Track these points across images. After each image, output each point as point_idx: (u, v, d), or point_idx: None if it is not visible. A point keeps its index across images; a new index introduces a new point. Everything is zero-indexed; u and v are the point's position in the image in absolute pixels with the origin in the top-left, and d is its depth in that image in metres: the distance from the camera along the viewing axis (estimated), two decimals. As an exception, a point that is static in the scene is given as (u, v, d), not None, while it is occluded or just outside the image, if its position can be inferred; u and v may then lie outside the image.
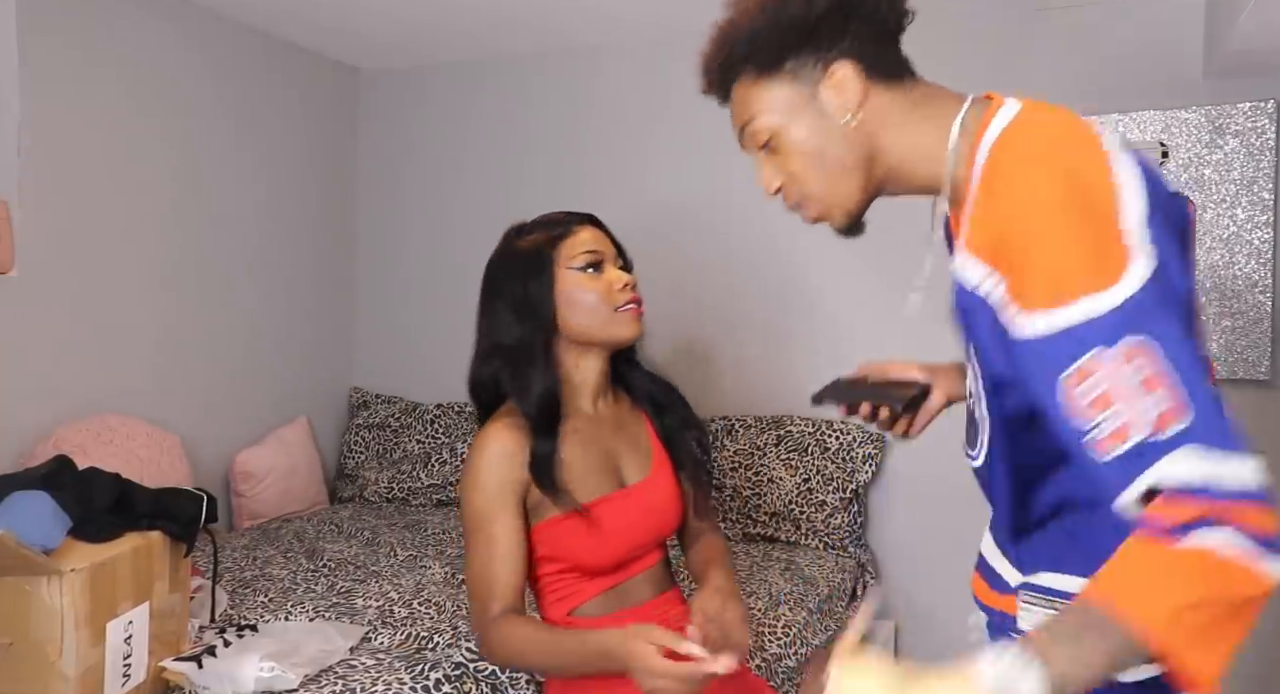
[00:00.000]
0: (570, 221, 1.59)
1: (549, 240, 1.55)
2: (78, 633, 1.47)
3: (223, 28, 3.04)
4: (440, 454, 3.31)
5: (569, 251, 1.53)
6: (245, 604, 2.15)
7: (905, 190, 1.11)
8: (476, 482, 1.46)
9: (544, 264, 1.52)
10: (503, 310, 1.55)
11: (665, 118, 3.25)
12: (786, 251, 3.07)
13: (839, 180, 1.08)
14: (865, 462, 2.91)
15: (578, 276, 1.51)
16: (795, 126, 1.06)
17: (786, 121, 1.07)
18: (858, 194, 1.09)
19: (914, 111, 1.06)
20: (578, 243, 1.54)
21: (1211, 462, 0.82)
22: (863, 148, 1.06)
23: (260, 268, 3.23)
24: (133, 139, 2.76)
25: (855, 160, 1.07)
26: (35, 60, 2.46)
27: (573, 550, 1.48)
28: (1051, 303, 0.88)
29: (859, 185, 1.08)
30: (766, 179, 1.12)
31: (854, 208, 1.11)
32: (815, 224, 1.14)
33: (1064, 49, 2.76)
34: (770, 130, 1.08)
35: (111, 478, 1.70)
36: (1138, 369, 0.84)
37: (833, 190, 1.08)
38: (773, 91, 1.07)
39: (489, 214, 3.50)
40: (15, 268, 2.42)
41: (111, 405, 2.67)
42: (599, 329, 1.52)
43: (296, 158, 3.38)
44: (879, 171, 1.08)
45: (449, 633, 1.97)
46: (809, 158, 1.07)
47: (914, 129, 1.05)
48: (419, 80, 3.58)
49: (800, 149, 1.07)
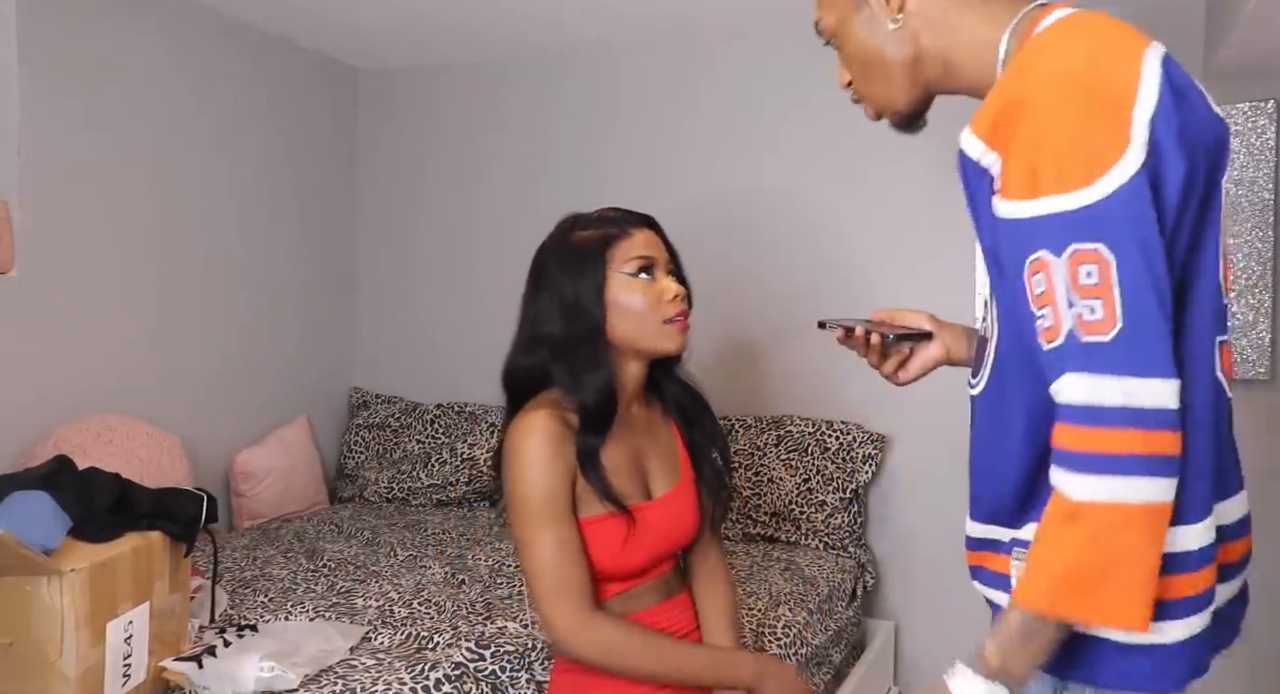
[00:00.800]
0: (627, 222, 1.53)
1: (604, 239, 1.49)
2: (78, 633, 1.47)
3: (223, 27, 3.04)
4: (440, 454, 3.31)
5: (623, 254, 1.48)
6: (245, 604, 2.15)
7: (955, 90, 1.15)
8: (536, 476, 1.40)
9: (596, 264, 1.47)
10: (551, 303, 1.51)
11: (667, 118, 3.25)
12: (784, 253, 3.07)
13: (889, 79, 1.14)
14: (865, 462, 2.91)
15: (629, 282, 1.47)
16: (851, 27, 1.14)
17: (844, 22, 1.15)
18: (904, 94, 1.16)
19: (966, 14, 1.09)
20: (632, 246, 1.49)
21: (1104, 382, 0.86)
22: (910, 49, 1.12)
23: (260, 268, 3.23)
24: (132, 139, 2.76)
25: (903, 61, 1.12)
26: (35, 60, 2.46)
27: (595, 553, 1.44)
28: (1025, 193, 0.91)
29: (906, 85, 1.14)
30: (839, 74, 1.21)
31: (903, 106, 1.17)
32: (876, 120, 1.22)
33: (1064, 49, 2.76)
34: (830, 30, 1.17)
35: (111, 478, 1.70)
36: (1086, 274, 0.88)
37: (884, 89, 1.16)
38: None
39: (489, 214, 3.51)
40: (15, 268, 2.42)
41: (111, 405, 2.67)
42: (643, 338, 1.49)
43: (296, 157, 3.38)
44: (927, 72, 1.13)
45: (449, 633, 1.97)
46: (862, 57, 1.15)
47: (965, 32, 1.09)
48: (419, 80, 3.58)
49: (854, 48, 1.16)
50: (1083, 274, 0.87)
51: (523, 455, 1.41)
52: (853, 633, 2.77)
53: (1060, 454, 0.90)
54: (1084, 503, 0.87)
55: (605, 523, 1.44)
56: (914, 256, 2.98)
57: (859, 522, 2.93)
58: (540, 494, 1.40)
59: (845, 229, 3.05)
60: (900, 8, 1.10)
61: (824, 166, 3.07)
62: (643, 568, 1.50)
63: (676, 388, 1.63)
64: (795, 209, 3.08)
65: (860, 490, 2.92)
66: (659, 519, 1.50)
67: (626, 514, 1.43)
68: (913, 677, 3.01)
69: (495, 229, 3.49)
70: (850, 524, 2.89)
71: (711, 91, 3.19)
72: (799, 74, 3.08)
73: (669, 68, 3.25)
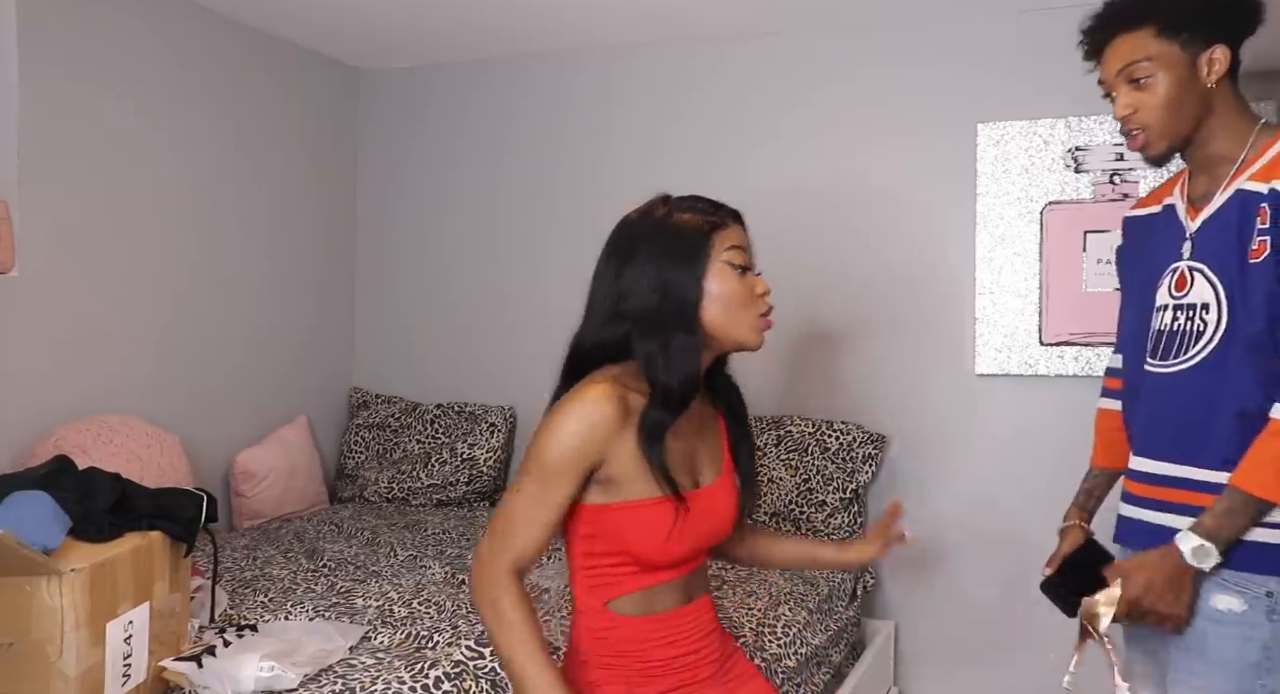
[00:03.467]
0: (724, 213, 1.50)
1: (709, 226, 1.45)
2: (78, 633, 1.47)
3: (223, 28, 3.04)
4: (440, 454, 3.31)
5: (723, 244, 1.45)
6: (245, 604, 2.15)
7: (1196, 151, 1.55)
8: (563, 436, 1.37)
9: (700, 250, 1.43)
10: (643, 281, 1.44)
11: (669, 118, 3.25)
12: (787, 252, 3.07)
13: (1176, 123, 1.52)
14: (865, 462, 2.91)
15: (729, 273, 1.44)
16: (1168, 76, 1.50)
17: (1167, 72, 1.50)
18: (1178, 136, 1.53)
19: (1238, 103, 1.55)
20: (731, 236, 1.46)
21: None
22: (1202, 108, 1.52)
23: (260, 268, 3.23)
24: (132, 139, 2.76)
25: (1192, 113, 1.52)
26: (35, 60, 2.46)
27: (636, 539, 1.41)
28: None
29: (1185, 132, 1.53)
30: (1122, 104, 1.54)
31: (1172, 143, 1.54)
32: (1136, 149, 1.56)
33: (1065, 48, 2.75)
34: (1149, 71, 1.50)
35: (111, 478, 1.70)
36: None
37: (1167, 128, 1.52)
38: (1165, 48, 1.49)
39: (488, 214, 3.51)
40: (15, 268, 2.42)
41: (111, 405, 2.67)
42: (734, 330, 1.44)
43: (296, 158, 3.38)
44: (1199, 129, 1.53)
45: (449, 632, 1.97)
46: (1165, 100, 1.50)
47: (1234, 113, 1.54)
48: (419, 80, 3.58)
49: (1163, 92, 1.50)
50: None
51: (564, 414, 1.38)
52: (853, 633, 2.77)
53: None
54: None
55: (652, 508, 1.40)
56: (917, 255, 2.99)
57: (859, 522, 2.93)
58: (556, 452, 1.37)
59: (848, 228, 3.05)
60: (1216, 81, 1.51)
61: (828, 166, 3.07)
62: (684, 558, 1.46)
63: (725, 381, 1.60)
64: (798, 208, 3.08)
65: (860, 490, 2.92)
66: (702, 509, 1.47)
67: (678, 500, 1.40)
68: (913, 677, 3.01)
69: (495, 228, 3.49)
70: (850, 524, 2.89)
71: (720, 91, 3.19)
72: (811, 73, 3.09)
73: (674, 67, 3.25)
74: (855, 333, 3.04)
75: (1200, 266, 1.51)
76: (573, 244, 3.40)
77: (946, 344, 2.98)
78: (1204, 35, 1.49)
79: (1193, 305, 1.51)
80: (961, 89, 2.94)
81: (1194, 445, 1.50)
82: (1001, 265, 2.92)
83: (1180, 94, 1.49)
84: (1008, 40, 2.86)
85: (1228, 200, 1.49)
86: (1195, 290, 1.51)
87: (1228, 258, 1.47)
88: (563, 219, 3.38)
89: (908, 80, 2.98)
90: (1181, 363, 1.51)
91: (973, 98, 2.92)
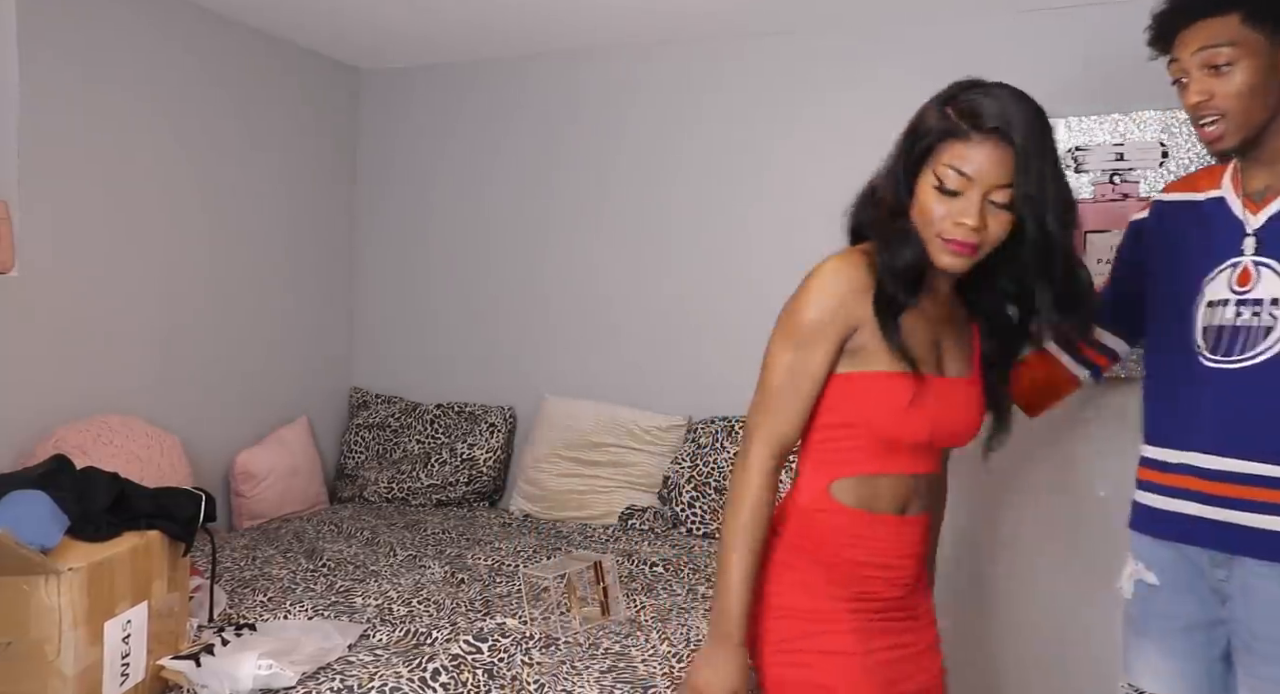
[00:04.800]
0: (981, 125, 1.35)
1: (942, 133, 1.38)
2: (76, 632, 1.47)
3: (223, 27, 3.04)
4: (440, 454, 3.31)
5: (947, 159, 1.37)
6: (244, 604, 2.15)
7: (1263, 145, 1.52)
8: (816, 299, 1.41)
9: (923, 152, 1.40)
10: (893, 163, 1.46)
11: (674, 118, 3.25)
12: (791, 252, 3.07)
13: (1254, 112, 1.48)
14: (865, 461, 2.91)
15: (930, 187, 1.39)
16: (1250, 64, 1.46)
17: (1251, 58, 1.46)
18: (1254, 127, 1.49)
19: None
20: (960, 153, 1.35)
21: None
22: (1277, 100, 1.48)
23: (260, 268, 3.23)
24: (132, 139, 2.76)
25: (1270, 105, 1.49)
26: (35, 60, 2.47)
27: (876, 408, 1.42)
28: None
29: (1260, 122, 1.49)
30: (1196, 90, 1.50)
31: (1247, 134, 1.50)
32: (1208, 139, 1.52)
33: (1065, 48, 2.76)
34: (1231, 58, 1.46)
35: (110, 477, 1.71)
36: None
37: (1244, 117, 1.48)
38: (1250, 34, 1.46)
39: (489, 214, 3.51)
40: (15, 268, 2.43)
41: (111, 405, 2.67)
42: (927, 243, 1.41)
43: (296, 158, 3.38)
44: (1273, 122, 1.50)
45: (448, 629, 1.98)
46: (1246, 87, 1.47)
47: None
48: (419, 80, 3.58)
49: (1243, 79, 1.47)
50: None
51: (818, 279, 1.43)
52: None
53: None
54: None
55: (891, 381, 1.41)
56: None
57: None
58: (808, 314, 1.41)
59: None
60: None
61: (832, 166, 3.07)
62: (920, 441, 1.45)
63: (991, 302, 1.54)
64: (803, 208, 3.08)
65: (860, 490, 2.91)
66: (943, 397, 1.45)
67: (914, 373, 1.40)
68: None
69: (496, 229, 3.49)
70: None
71: (723, 91, 3.19)
72: (813, 75, 3.08)
73: (681, 67, 3.24)
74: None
75: (1269, 262, 1.50)
76: (573, 244, 3.41)
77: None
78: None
79: (1259, 300, 1.50)
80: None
81: (1270, 441, 1.49)
82: (1001, 265, 2.91)
83: (1260, 83, 1.46)
84: (1008, 40, 2.86)
85: None
86: (1263, 285, 1.50)
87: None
88: (563, 219, 3.38)
89: (908, 80, 2.95)
90: (1251, 358, 1.50)
91: (972, 97, 2.91)
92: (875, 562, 1.46)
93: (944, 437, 1.49)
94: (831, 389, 1.44)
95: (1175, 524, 1.60)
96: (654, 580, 2.44)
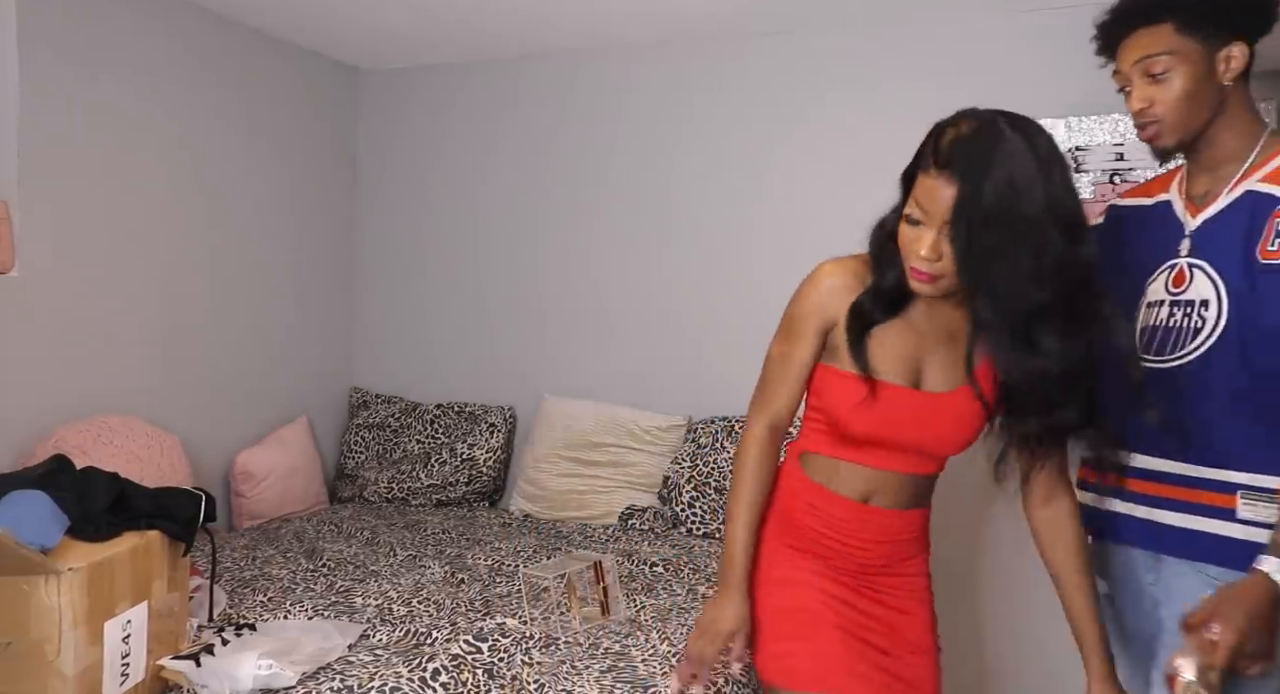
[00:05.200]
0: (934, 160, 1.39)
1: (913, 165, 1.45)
2: (76, 632, 1.47)
3: (222, 27, 3.04)
4: (440, 454, 3.31)
5: (916, 188, 1.43)
6: (244, 604, 2.15)
7: (1203, 149, 1.55)
8: (803, 297, 1.59)
9: (904, 185, 1.49)
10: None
11: (672, 118, 3.25)
12: (788, 252, 3.07)
13: (1190, 117, 1.51)
14: (865, 461, 2.91)
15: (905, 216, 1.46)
16: (1186, 71, 1.49)
17: (1185, 66, 1.49)
18: (1194, 132, 1.53)
19: (1249, 104, 1.54)
20: (923, 187, 1.41)
21: None
22: (1215, 105, 1.51)
23: (260, 268, 3.23)
24: (132, 139, 2.76)
25: (1206, 110, 1.51)
26: (35, 60, 2.47)
27: (830, 399, 1.56)
28: None
29: (1197, 127, 1.52)
30: (1137, 96, 1.54)
31: (1183, 137, 1.53)
32: (1147, 141, 1.56)
33: (1065, 49, 2.75)
34: (1168, 66, 1.50)
35: (109, 477, 1.71)
36: None
37: (1182, 121, 1.52)
38: (1185, 42, 1.49)
39: (489, 214, 3.51)
40: (15, 268, 2.43)
41: (111, 405, 2.67)
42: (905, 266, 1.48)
43: (296, 158, 3.38)
44: (1209, 126, 1.53)
45: (448, 629, 1.98)
46: (1182, 93, 1.50)
47: (1246, 113, 1.53)
48: (419, 80, 3.58)
49: (1180, 86, 1.50)
50: None
51: (809, 281, 1.60)
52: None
53: None
54: None
55: (846, 381, 1.54)
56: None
57: (858, 521, 2.92)
58: (794, 308, 1.59)
59: (849, 228, 3.04)
60: (1233, 80, 1.50)
61: (828, 166, 3.07)
62: (874, 440, 1.55)
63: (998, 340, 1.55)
64: (798, 208, 3.09)
65: (860, 490, 2.91)
66: (914, 409, 1.53)
67: (865, 380, 1.51)
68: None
69: (495, 229, 3.49)
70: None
71: (722, 91, 3.19)
72: (805, 76, 3.08)
73: (678, 67, 3.25)
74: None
75: (1200, 264, 1.52)
76: (573, 244, 3.41)
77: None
78: (1224, 32, 1.49)
79: (1190, 302, 1.52)
80: (962, 88, 2.92)
81: (1195, 442, 1.50)
82: (1001, 265, 2.91)
83: (1196, 89, 1.50)
84: (1008, 40, 2.86)
85: (1236, 200, 1.50)
86: (1194, 287, 1.51)
87: (1231, 256, 1.48)
88: (563, 219, 3.38)
89: (908, 80, 2.98)
90: (1179, 358, 1.52)
91: (973, 98, 2.88)
92: (834, 534, 1.60)
93: (908, 443, 1.55)
94: (815, 375, 1.60)
95: (1110, 523, 1.62)
96: (654, 580, 2.44)
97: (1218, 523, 1.48)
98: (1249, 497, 1.46)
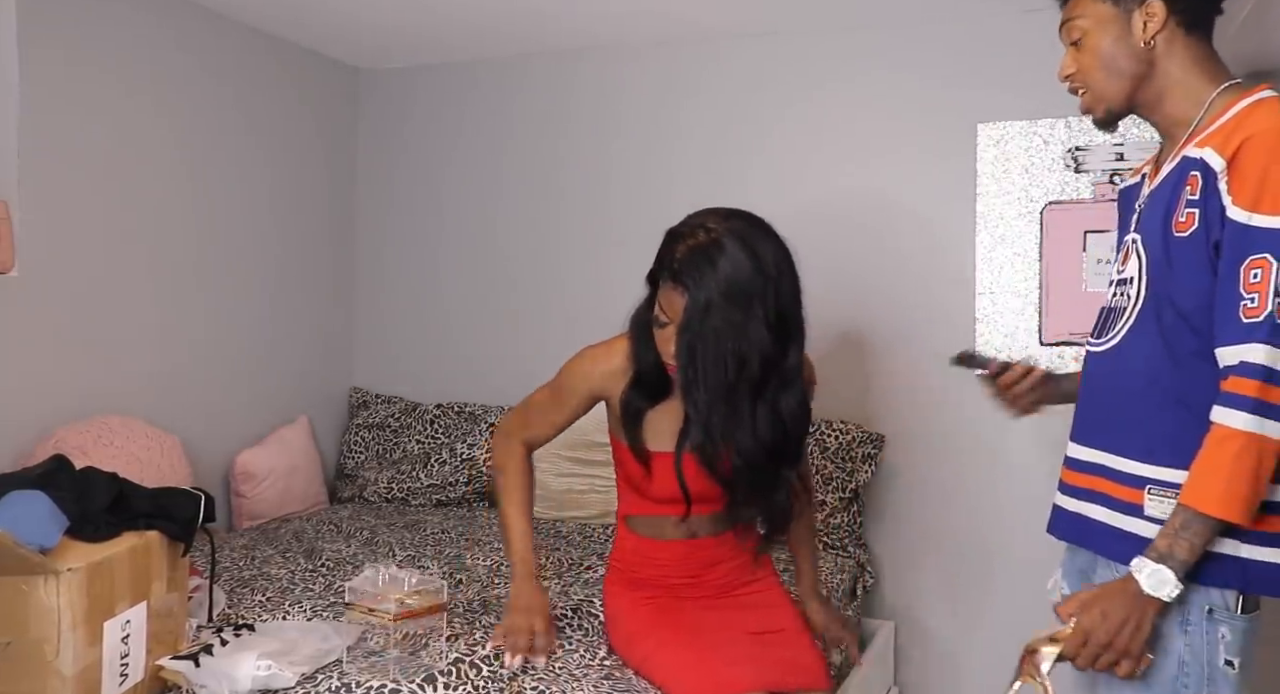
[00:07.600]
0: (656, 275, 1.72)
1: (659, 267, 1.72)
2: (75, 632, 1.47)
3: (223, 27, 3.04)
4: (440, 454, 3.31)
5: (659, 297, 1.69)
6: (243, 604, 2.15)
7: (1153, 115, 1.45)
8: (576, 369, 1.79)
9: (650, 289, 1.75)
10: None
11: (671, 118, 3.25)
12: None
13: (1114, 82, 1.43)
14: (864, 461, 2.91)
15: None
16: (1103, 34, 1.42)
17: (1099, 29, 1.42)
18: (1121, 98, 1.44)
19: (1196, 63, 1.41)
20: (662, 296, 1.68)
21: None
22: (1142, 67, 1.41)
23: (260, 268, 3.23)
24: (132, 139, 2.76)
25: (1132, 73, 1.42)
26: (35, 60, 2.47)
27: (630, 473, 1.77)
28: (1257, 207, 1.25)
29: (1126, 93, 1.43)
30: (1064, 63, 1.48)
31: (1115, 107, 1.45)
32: (1085, 114, 1.49)
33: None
34: (1084, 31, 1.44)
35: (109, 477, 1.71)
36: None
37: (1106, 88, 1.44)
38: (1097, 6, 1.42)
39: (488, 214, 3.51)
40: (15, 268, 2.42)
41: (111, 406, 2.67)
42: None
43: (296, 158, 3.38)
44: (1146, 91, 1.43)
45: (447, 630, 1.97)
46: (1101, 59, 1.43)
47: (1190, 73, 1.40)
48: (419, 80, 3.58)
49: (1098, 51, 1.43)
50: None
51: (590, 349, 1.79)
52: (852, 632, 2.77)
53: (1235, 398, 1.24)
54: (1253, 434, 1.22)
55: (626, 454, 1.76)
56: (917, 255, 2.99)
57: (858, 521, 2.93)
58: (568, 380, 1.79)
59: (848, 228, 3.05)
60: (1151, 39, 1.40)
61: (827, 166, 3.07)
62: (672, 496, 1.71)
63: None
64: (798, 209, 3.08)
65: (860, 490, 2.92)
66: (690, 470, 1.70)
67: (635, 454, 1.73)
68: (913, 677, 3.01)
69: (495, 228, 3.49)
70: (850, 524, 2.89)
71: (721, 91, 3.19)
72: (810, 74, 3.09)
73: (677, 67, 3.25)
74: (855, 332, 3.03)
75: (1136, 238, 1.43)
76: (573, 244, 3.41)
77: (946, 344, 2.96)
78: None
79: (1126, 279, 1.44)
80: (961, 89, 2.94)
81: (1117, 432, 1.41)
82: (1001, 265, 2.92)
83: (1113, 53, 1.41)
84: (1008, 40, 2.86)
85: (1174, 168, 1.39)
86: (1129, 264, 1.44)
87: (1153, 230, 1.39)
88: (563, 219, 3.38)
89: (907, 80, 2.98)
90: (1109, 341, 1.44)
91: (972, 98, 2.92)
92: (679, 575, 1.79)
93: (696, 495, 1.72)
94: (613, 444, 1.81)
95: (1056, 520, 1.53)
96: (653, 581, 2.44)
97: (1129, 519, 1.37)
98: (1156, 492, 1.34)
